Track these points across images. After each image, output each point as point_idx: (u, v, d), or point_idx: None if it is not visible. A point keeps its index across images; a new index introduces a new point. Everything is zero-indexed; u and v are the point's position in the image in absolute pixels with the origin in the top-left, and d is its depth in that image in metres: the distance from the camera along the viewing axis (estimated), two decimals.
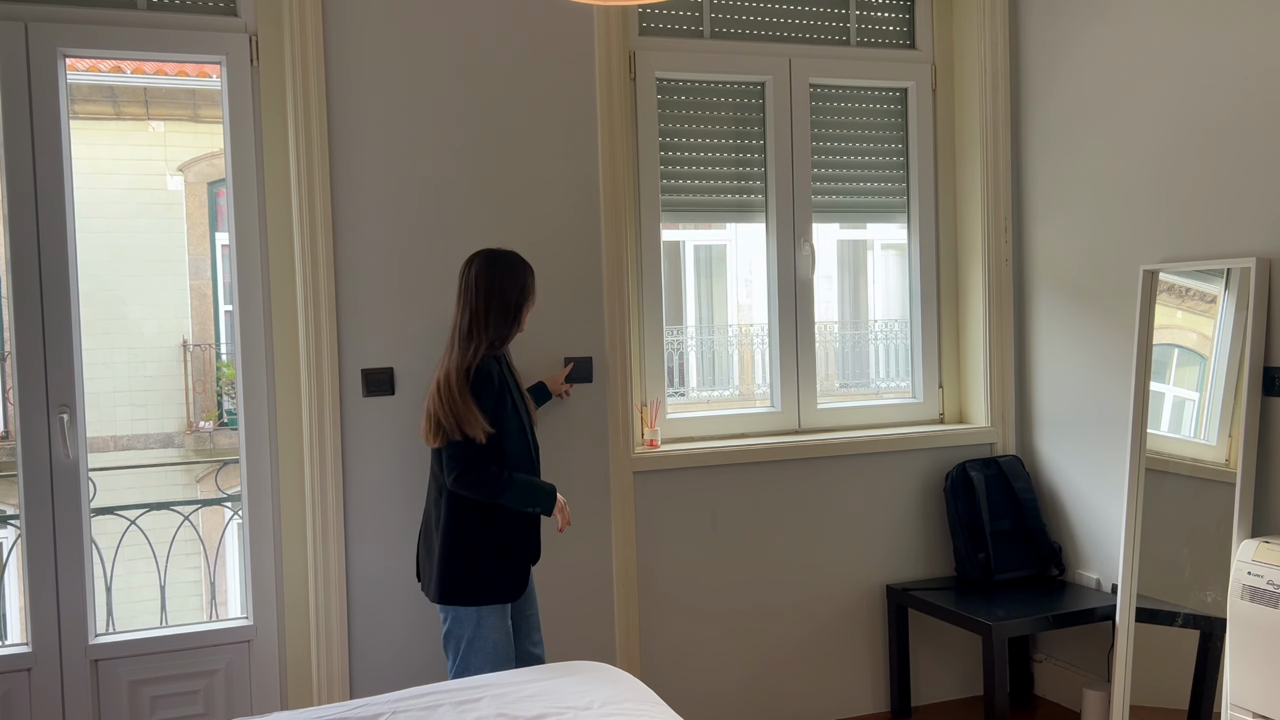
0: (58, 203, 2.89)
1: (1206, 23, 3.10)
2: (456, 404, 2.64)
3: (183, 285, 8.32)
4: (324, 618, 3.07)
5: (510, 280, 2.77)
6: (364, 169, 3.11)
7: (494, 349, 2.75)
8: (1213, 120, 3.09)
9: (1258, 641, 2.69)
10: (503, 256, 2.80)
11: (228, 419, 8.44)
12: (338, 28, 3.07)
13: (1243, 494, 2.89)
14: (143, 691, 3.00)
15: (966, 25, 3.81)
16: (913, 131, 3.87)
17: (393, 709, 2.24)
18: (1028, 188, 3.79)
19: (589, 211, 3.34)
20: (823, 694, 3.68)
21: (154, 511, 4.83)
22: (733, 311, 3.83)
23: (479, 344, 2.72)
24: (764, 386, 3.78)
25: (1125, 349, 3.43)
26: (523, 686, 2.35)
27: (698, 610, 3.51)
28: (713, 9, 3.60)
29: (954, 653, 3.86)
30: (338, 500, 3.08)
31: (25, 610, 2.93)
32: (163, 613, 4.70)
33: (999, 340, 3.81)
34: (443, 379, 2.69)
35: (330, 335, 3.06)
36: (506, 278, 2.76)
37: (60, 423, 2.90)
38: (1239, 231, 3.03)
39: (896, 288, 3.99)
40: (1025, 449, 3.87)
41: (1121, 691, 3.20)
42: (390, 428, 3.14)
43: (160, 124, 8.19)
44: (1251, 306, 2.92)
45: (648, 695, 2.30)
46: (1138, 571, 3.22)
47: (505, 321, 2.76)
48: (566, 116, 3.31)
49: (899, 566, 3.77)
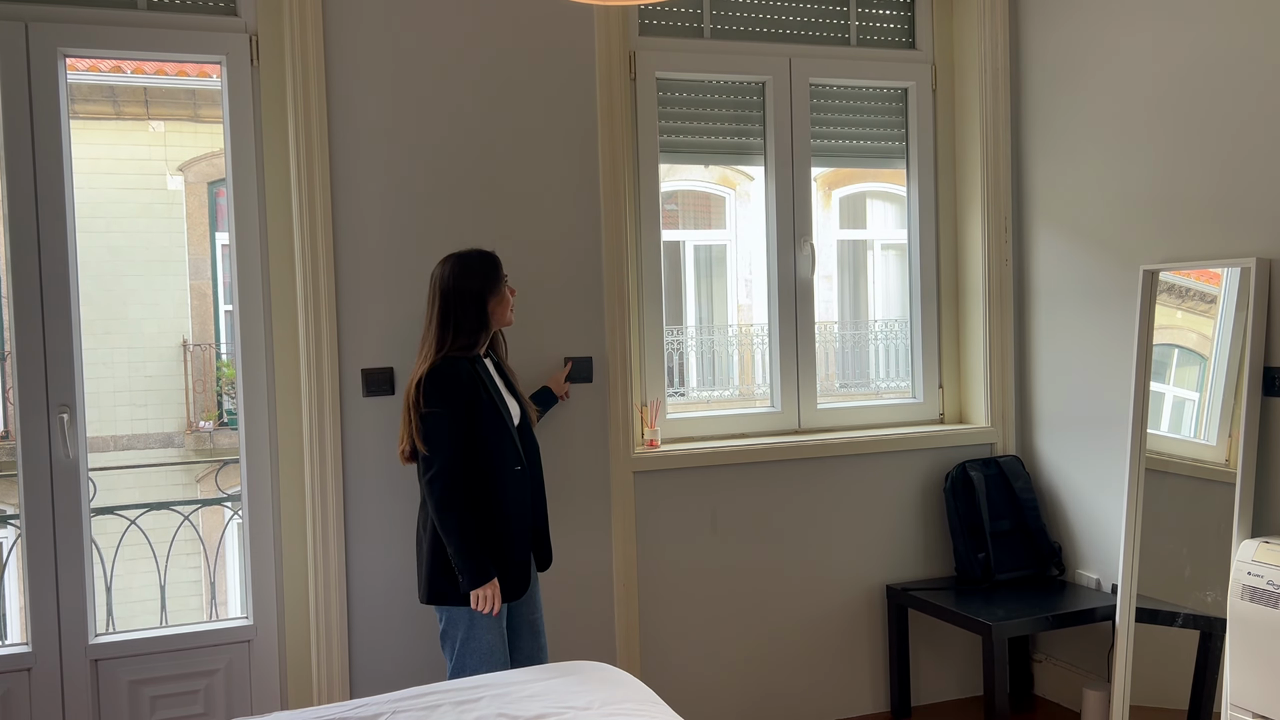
0: (58, 203, 2.89)
1: (1207, 23, 3.10)
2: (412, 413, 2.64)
3: (183, 285, 8.32)
4: (324, 618, 3.07)
5: (468, 279, 2.73)
6: (364, 169, 3.11)
7: (467, 350, 2.72)
8: (1213, 120, 3.09)
9: (1258, 641, 2.69)
10: (462, 257, 2.77)
11: (228, 419, 8.44)
12: (338, 28, 3.07)
13: (1243, 494, 2.89)
14: (143, 691, 3.00)
15: (966, 25, 3.81)
16: (913, 131, 3.87)
17: (393, 709, 2.24)
18: (1028, 188, 3.79)
19: (589, 211, 3.34)
20: (822, 694, 3.68)
21: (154, 511, 4.83)
22: (733, 311, 3.83)
23: (445, 347, 2.70)
24: (764, 386, 3.78)
25: (1125, 349, 3.43)
26: (523, 686, 2.34)
27: (698, 610, 3.51)
28: (713, 9, 3.60)
29: (954, 653, 3.86)
30: (338, 500, 3.08)
31: (25, 610, 2.93)
32: (163, 613, 4.70)
33: (999, 340, 3.81)
34: (408, 388, 2.69)
35: (330, 335, 3.06)
36: (464, 277, 2.73)
37: (60, 422, 2.90)
38: (1239, 231, 3.03)
39: (896, 288, 3.99)
40: (1025, 449, 3.87)
41: (1121, 691, 3.20)
42: (390, 428, 3.14)
43: (160, 124, 8.19)
44: (1251, 306, 2.92)
45: (648, 695, 2.30)
46: (1138, 571, 3.22)
47: (470, 320, 2.72)
48: (566, 116, 3.31)
49: (899, 566, 3.77)
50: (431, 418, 2.62)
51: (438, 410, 2.62)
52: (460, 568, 2.63)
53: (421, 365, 2.70)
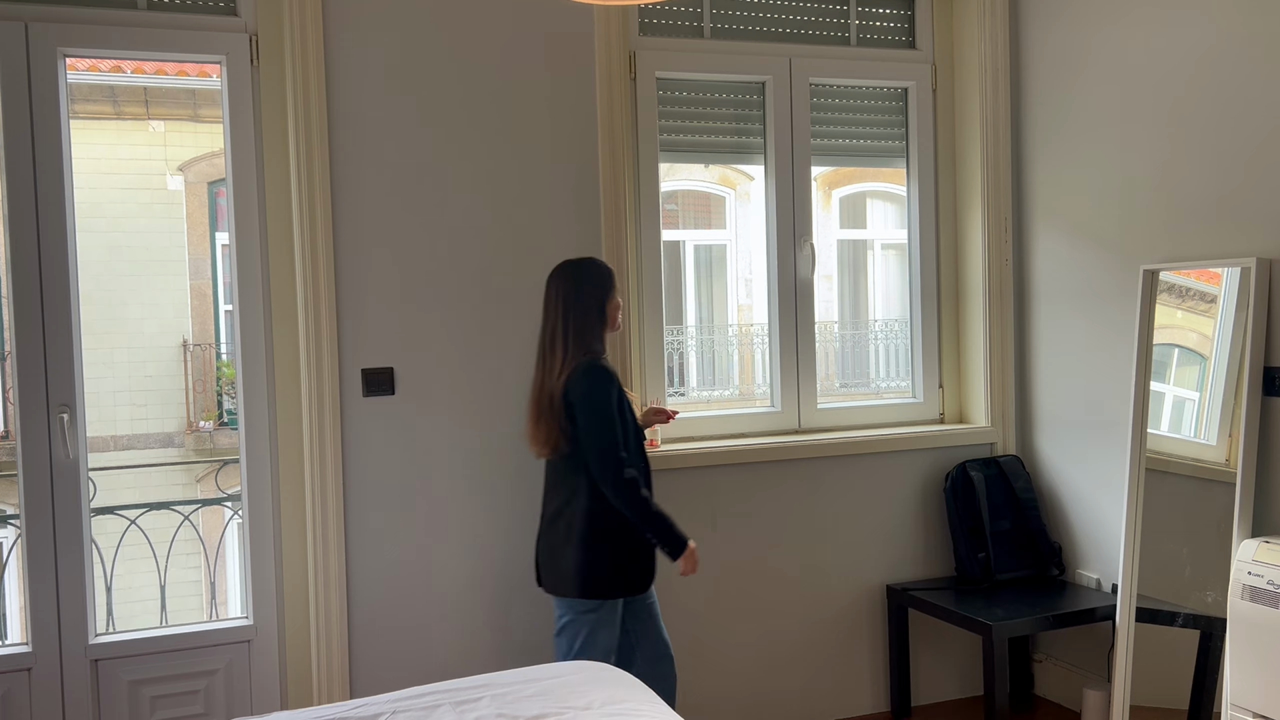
0: (58, 203, 2.89)
1: (1207, 22, 3.10)
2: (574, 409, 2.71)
3: (183, 285, 8.32)
4: (324, 618, 3.07)
5: (593, 285, 2.84)
6: (364, 169, 3.11)
7: (600, 353, 2.82)
8: (1213, 119, 3.09)
9: (1258, 641, 2.69)
10: (584, 264, 2.87)
11: (228, 419, 8.44)
12: (338, 28, 3.07)
13: (1243, 494, 2.89)
14: (143, 691, 3.00)
15: (966, 25, 3.81)
16: (913, 131, 3.87)
17: (393, 709, 2.24)
18: (1028, 187, 3.79)
19: (589, 211, 3.34)
20: (823, 694, 3.68)
21: (154, 511, 4.84)
22: (733, 311, 3.83)
23: (584, 349, 2.78)
24: (764, 386, 3.78)
25: (1125, 349, 3.43)
26: (523, 686, 2.35)
27: (697, 610, 3.51)
28: (713, 9, 3.60)
29: (954, 653, 3.86)
30: (338, 500, 3.08)
31: (25, 610, 2.93)
32: (163, 613, 4.70)
33: (999, 340, 3.81)
34: (550, 389, 2.74)
35: (330, 335, 3.06)
36: (590, 283, 2.84)
37: (60, 422, 2.90)
38: (1239, 231, 3.03)
39: (896, 288, 3.99)
40: (1025, 449, 3.87)
41: (1121, 691, 3.20)
42: (390, 428, 3.14)
43: (160, 124, 8.19)
44: (1251, 306, 2.92)
45: (647, 695, 2.30)
46: (1138, 571, 3.22)
47: (597, 324, 2.82)
48: (566, 116, 3.31)
49: (899, 566, 3.77)
50: (605, 409, 2.70)
51: (607, 401, 2.70)
52: (665, 540, 2.75)
53: (564, 367, 2.75)
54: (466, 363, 3.21)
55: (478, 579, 3.24)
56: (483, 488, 3.24)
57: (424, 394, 3.17)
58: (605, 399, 2.70)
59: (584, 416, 2.70)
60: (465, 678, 2.47)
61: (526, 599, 3.29)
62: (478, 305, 3.22)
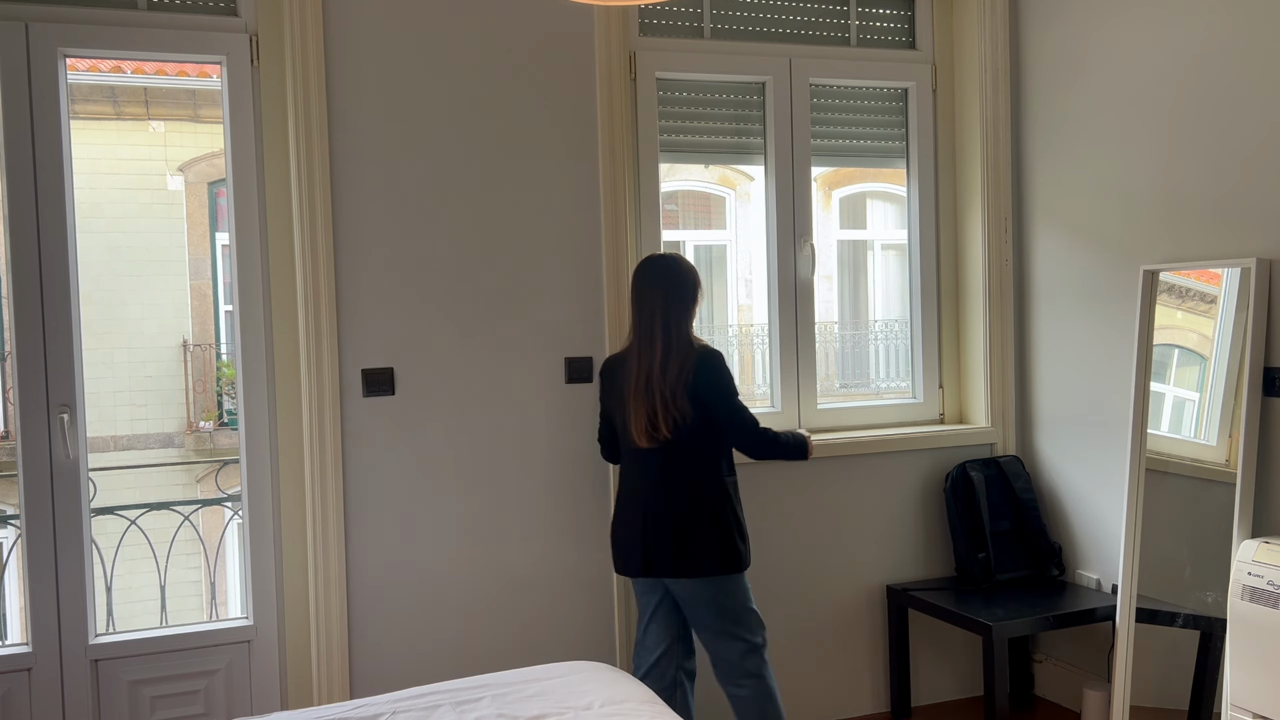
0: (58, 203, 2.89)
1: (1207, 22, 3.10)
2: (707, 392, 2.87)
3: (183, 285, 8.32)
4: (324, 618, 3.07)
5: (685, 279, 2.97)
6: (364, 169, 3.11)
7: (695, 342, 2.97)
8: (1213, 120, 3.09)
9: (1258, 642, 2.69)
10: (674, 260, 2.98)
11: (228, 419, 8.44)
12: (338, 28, 3.08)
13: (1243, 494, 2.89)
14: (143, 691, 3.00)
15: (966, 25, 3.81)
16: (913, 131, 3.87)
17: (393, 709, 2.25)
18: (1028, 188, 3.79)
19: (589, 211, 3.34)
20: (822, 694, 3.68)
21: (154, 511, 4.84)
22: (733, 311, 3.83)
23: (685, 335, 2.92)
24: (764, 386, 3.78)
25: (1125, 349, 3.43)
26: (523, 686, 2.35)
27: None
28: (713, 9, 3.60)
29: (954, 653, 3.86)
30: (338, 500, 3.08)
31: (25, 610, 2.93)
32: (163, 613, 4.71)
33: (999, 340, 3.81)
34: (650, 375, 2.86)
35: (330, 335, 3.06)
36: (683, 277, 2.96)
37: (60, 423, 2.90)
38: (1239, 231, 3.03)
39: (896, 288, 3.99)
40: (1025, 449, 3.87)
41: (1121, 691, 3.20)
42: (390, 428, 3.14)
43: (160, 124, 8.20)
44: (1251, 307, 2.92)
45: (647, 695, 2.30)
46: (1138, 572, 3.22)
47: (689, 316, 2.95)
48: (566, 116, 3.31)
49: (899, 566, 3.77)
50: (734, 389, 2.90)
51: (733, 382, 2.91)
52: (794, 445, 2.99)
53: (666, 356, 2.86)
54: (466, 363, 3.21)
55: (478, 579, 3.24)
56: (483, 488, 3.24)
57: (424, 394, 3.17)
58: (731, 380, 2.91)
59: (719, 399, 2.87)
60: (465, 678, 2.47)
61: (527, 599, 3.29)
62: (478, 305, 3.22)
